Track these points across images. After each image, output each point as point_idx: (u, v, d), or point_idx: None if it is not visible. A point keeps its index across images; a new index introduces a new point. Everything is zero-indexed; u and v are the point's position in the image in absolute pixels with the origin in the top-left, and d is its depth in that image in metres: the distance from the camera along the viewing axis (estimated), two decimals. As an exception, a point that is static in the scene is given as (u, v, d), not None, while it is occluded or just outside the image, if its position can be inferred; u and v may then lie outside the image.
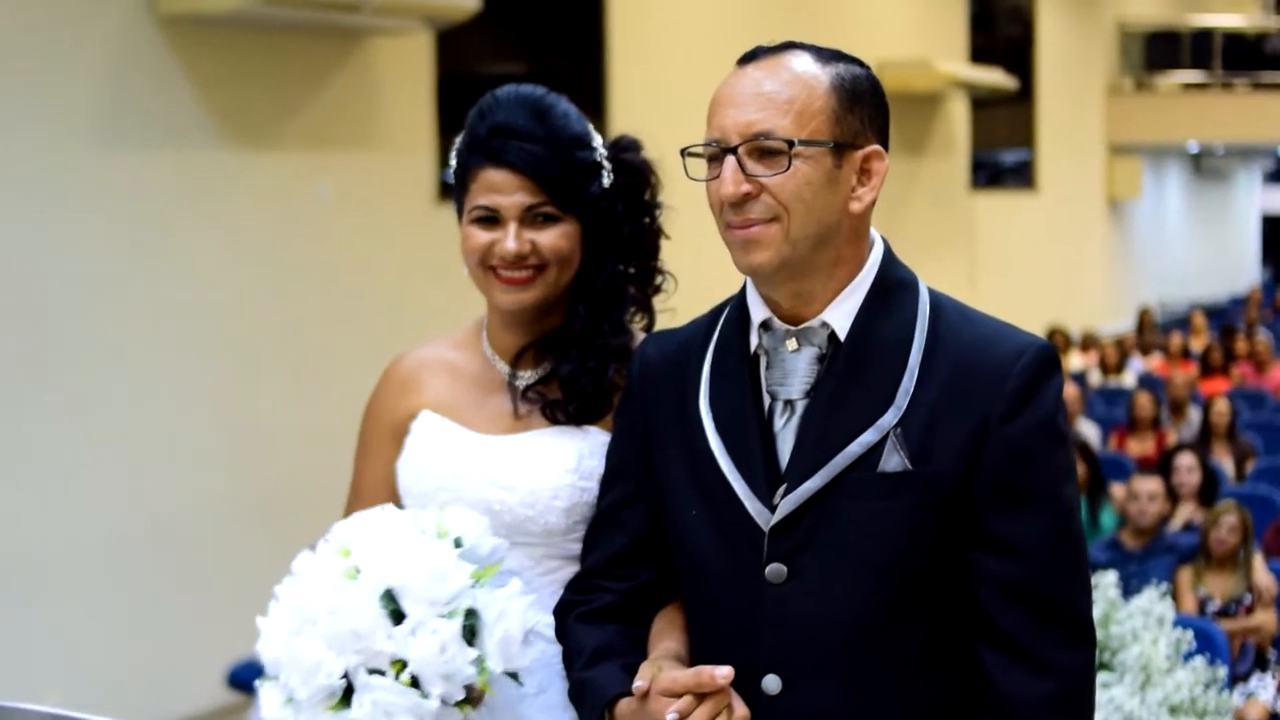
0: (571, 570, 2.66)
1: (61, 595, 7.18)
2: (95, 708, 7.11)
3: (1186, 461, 8.76)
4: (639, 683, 2.30)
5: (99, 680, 7.34)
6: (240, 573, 7.62)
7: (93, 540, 7.33)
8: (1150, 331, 18.47)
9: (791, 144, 2.25)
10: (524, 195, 2.65)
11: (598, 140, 2.75)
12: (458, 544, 2.39)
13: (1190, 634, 5.34)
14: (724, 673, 2.24)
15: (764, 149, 2.27)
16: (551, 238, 2.66)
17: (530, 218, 2.66)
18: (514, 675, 2.40)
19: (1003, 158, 19.65)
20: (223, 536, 7.92)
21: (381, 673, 2.30)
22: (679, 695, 2.25)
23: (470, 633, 2.33)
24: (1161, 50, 23.67)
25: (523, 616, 2.39)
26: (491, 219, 2.67)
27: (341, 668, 2.29)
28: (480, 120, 2.69)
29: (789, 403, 2.35)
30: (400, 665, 2.30)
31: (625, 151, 2.79)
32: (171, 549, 7.67)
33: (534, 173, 2.64)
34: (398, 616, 2.31)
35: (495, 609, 2.36)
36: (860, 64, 2.36)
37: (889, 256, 2.40)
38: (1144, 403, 11.47)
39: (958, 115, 17.38)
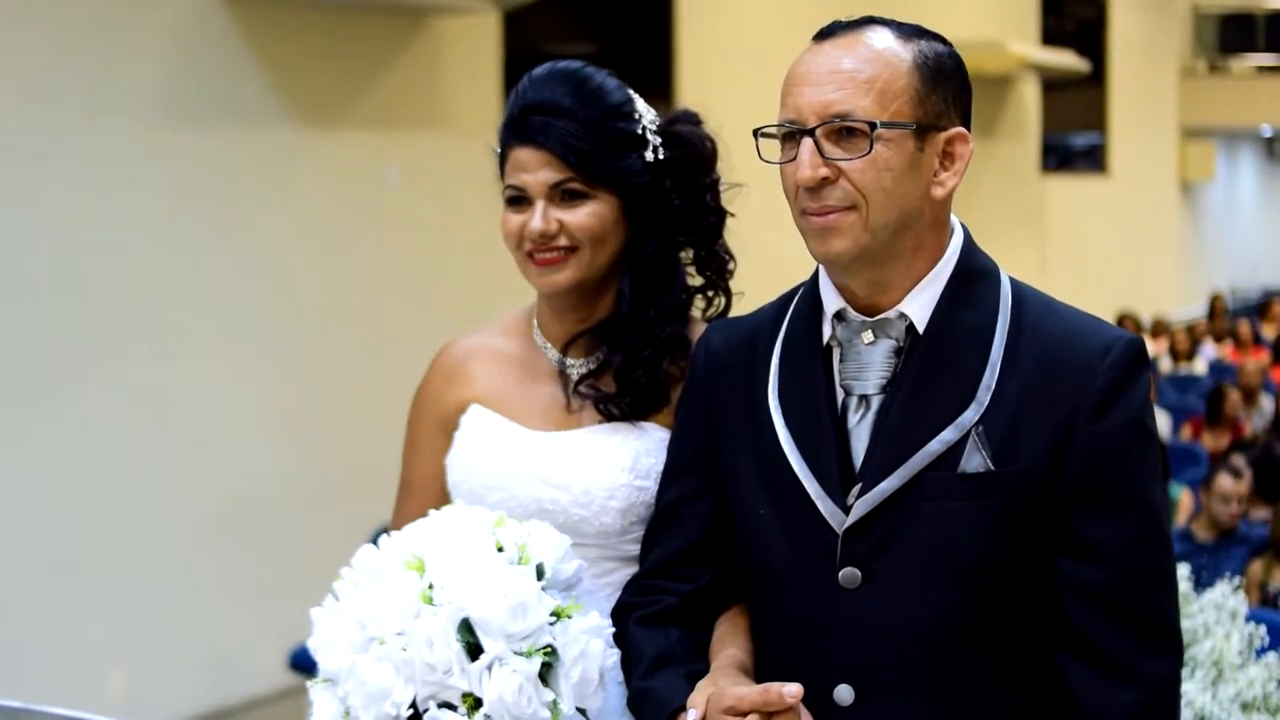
0: (627, 573, 2.57)
1: (122, 577, 7.18)
2: (156, 690, 7.19)
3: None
4: (693, 712, 2.20)
5: (160, 662, 7.34)
6: (301, 554, 7.62)
7: (154, 522, 7.32)
8: (1222, 318, 18.28)
9: (873, 126, 2.14)
10: (549, 172, 2.56)
11: (642, 110, 2.64)
12: (539, 572, 2.29)
13: (1263, 629, 5.24)
14: (792, 690, 2.13)
15: (843, 131, 2.16)
16: (581, 217, 2.56)
17: (558, 195, 2.57)
18: (582, 711, 2.29)
19: (1074, 141, 19.50)
20: (284, 517, 7.91)
21: (453, 707, 2.20)
22: (744, 714, 2.14)
23: (545, 668, 2.23)
24: (1235, 32, 23.45)
25: (601, 657, 2.30)
26: (522, 199, 2.59)
27: (410, 697, 2.20)
28: (515, 100, 2.62)
29: (864, 398, 2.24)
30: (471, 700, 2.20)
31: (677, 123, 2.68)
32: (233, 530, 7.66)
33: (559, 148, 2.55)
34: (472, 648, 2.21)
35: (575, 649, 2.25)
36: (943, 41, 2.26)
37: (969, 244, 2.30)
38: (1233, 399, 11.25)
39: (1029, 98, 17.24)
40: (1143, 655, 2.18)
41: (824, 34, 2.25)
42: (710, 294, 2.71)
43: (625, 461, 2.58)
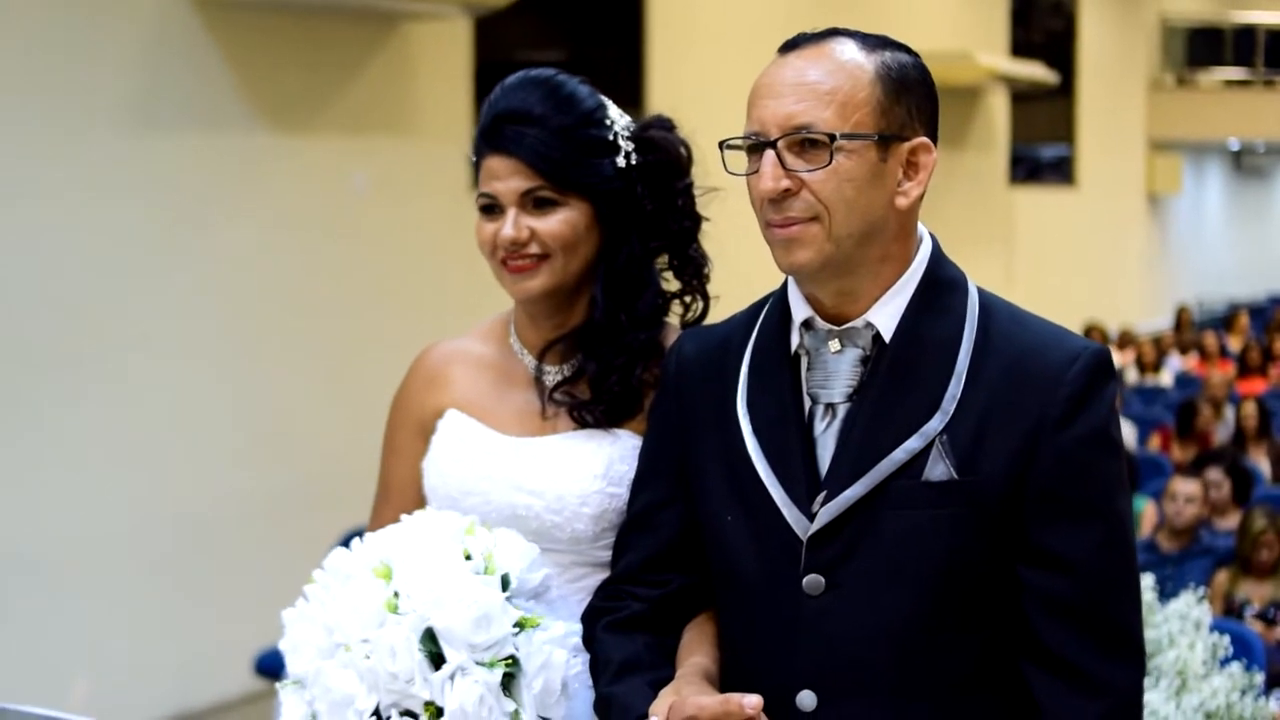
0: (599, 578, 2.57)
1: (90, 583, 7.16)
2: (123, 696, 7.16)
3: (1214, 476, 8.59)
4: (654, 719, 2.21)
5: (127, 668, 7.32)
6: (269, 560, 7.61)
7: (121, 528, 7.30)
8: (1188, 330, 18.35)
9: (833, 138, 2.16)
10: (520, 180, 2.57)
11: (615, 117, 2.66)
12: (505, 582, 2.31)
13: (1227, 639, 5.26)
14: (752, 701, 2.14)
15: (805, 142, 2.17)
16: (552, 224, 2.58)
17: (530, 203, 2.58)
18: None
19: (1042, 152, 19.56)
20: (252, 523, 7.89)
21: (415, 715, 2.22)
22: None
23: (508, 678, 2.25)
24: (1203, 46, 23.56)
25: (564, 667, 2.32)
26: (495, 207, 2.61)
27: (373, 705, 2.22)
28: (487, 109, 2.63)
29: (830, 406, 2.25)
30: (433, 709, 2.22)
31: (650, 129, 2.70)
32: (200, 536, 7.65)
33: (529, 156, 2.56)
34: (436, 657, 2.23)
35: (538, 659, 2.28)
36: (908, 51, 2.27)
37: (938, 254, 2.31)
38: (1205, 414, 11.31)
39: (997, 109, 17.29)
40: (1106, 665, 2.19)
41: (789, 46, 2.26)
42: (687, 299, 2.72)
43: (598, 468, 2.59)
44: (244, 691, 7.53)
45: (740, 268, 3.02)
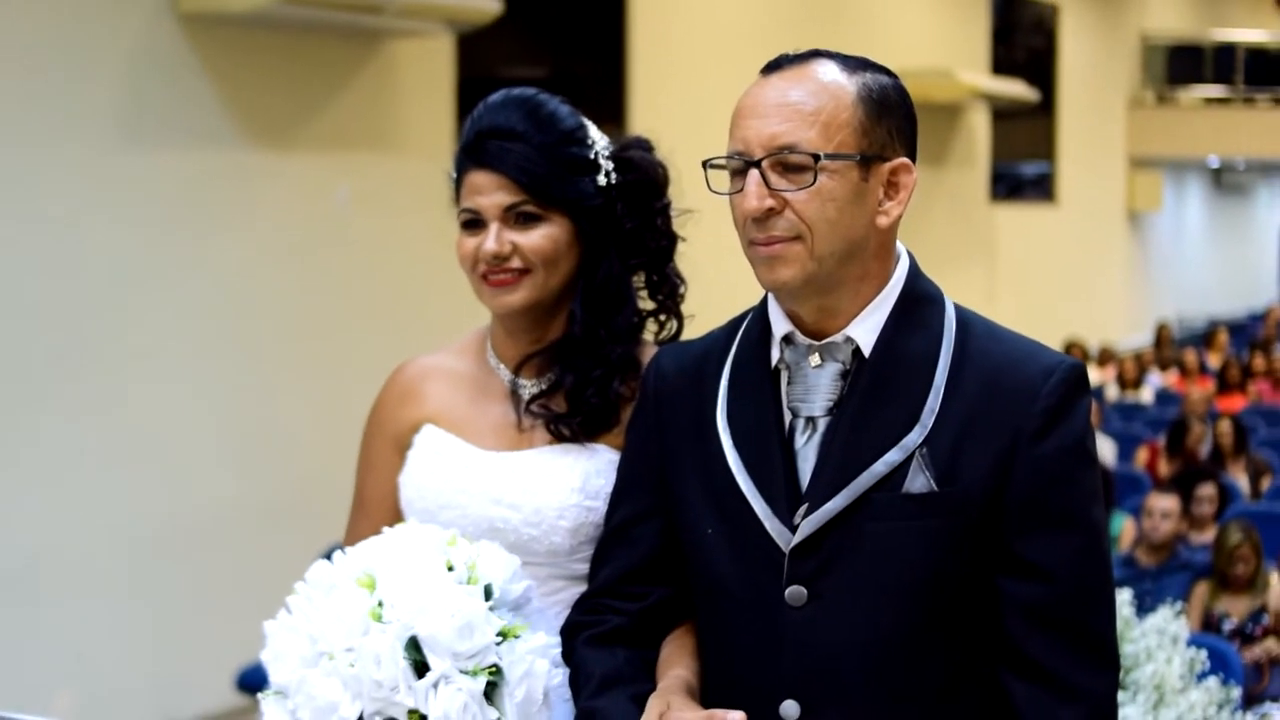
0: (577, 591, 2.59)
1: (73, 595, 7.17)
2: (105, 709, 7.15)
3: (1207, 491, 8.65)
4: None
5: (109, 681, 7.32)
6: (252, 575, 7.61)
7: (105, 541, 7.31)
8: (1168, 346, 18.40)
9: (817, 158, 2.18)
10: (503, 195, 2.60)
11: (595, 137, 2.69)
12: (488, 592, 2.33)
13: (1204, 654, 5.29)
14: (736, 717, 2.17)
15: (788, 162, 2.20)
16: (534, 239, 2.60)
17: (512, 218, 2.61)
18: None
19: (1023, 170, 19.60)
20: (235, 538, 7.90)
21: None
22: None
23: (490, 687, 2.27)
24: (1184, 64, 23.63)
25: (546, 676, 2.34)
26: (477, 222, 2.63)
27: (357, 713, 2.25)
28: (470, 126, 2.66)
29: (811, 420, 2.27)
30: (417, 717, 2.24)
31: (630, 149, 2.73)
32: (183, 550, 7.65)
33: (512, 171, 2.59)
34: (419, 666, 2.25)
35: (521, 668, 2.30)
36: (888, 73, 2.29)
37: (915, 271, 2.34)
38: (1196, 432, 11.36)
39: (978, 126, 17.34)
40: (1083, 671, 2.22)
41: (771, 67, 2.28)
42: (662, 317, 2.75)
43: (575, 482, 2.62)
44: (226, 707, 7.53)
45: (715, 287, 3.05)
